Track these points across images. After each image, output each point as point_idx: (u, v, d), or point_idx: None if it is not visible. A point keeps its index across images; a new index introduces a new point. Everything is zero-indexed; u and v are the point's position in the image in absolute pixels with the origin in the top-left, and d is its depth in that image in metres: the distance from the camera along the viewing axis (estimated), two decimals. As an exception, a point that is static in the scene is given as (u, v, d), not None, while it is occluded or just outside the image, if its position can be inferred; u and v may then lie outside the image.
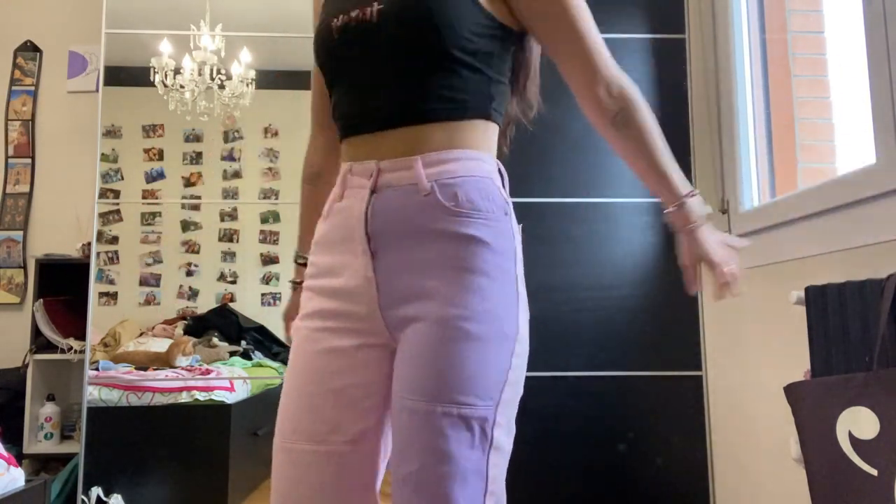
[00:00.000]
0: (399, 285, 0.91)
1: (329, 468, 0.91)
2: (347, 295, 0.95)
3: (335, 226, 0.98)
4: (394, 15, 0.92)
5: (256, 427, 2.55)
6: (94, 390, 2.37)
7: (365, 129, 0.96)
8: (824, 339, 1.30)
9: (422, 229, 0.91)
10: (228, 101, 2.63)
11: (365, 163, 0.95)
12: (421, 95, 0.93)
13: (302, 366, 0.97)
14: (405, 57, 0.93)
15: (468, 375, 0.86)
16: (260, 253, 2.62)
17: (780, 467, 1.78)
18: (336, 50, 0.98)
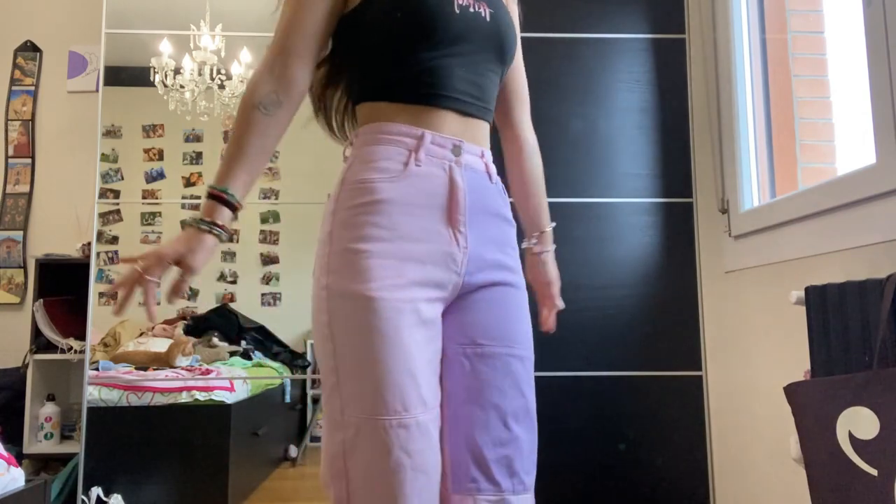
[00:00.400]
0: (484, 255, 1.06)
1: (437, 430, 0.99)
2: (435, 261, 1.00)
3: (419, 189, 1.00)
4: (498, 22, 1.09)
5: (256, 427, 2.55)
6: (94, 390, 2.37)
7: (452, 106, 1.04)
8: (824, 339, 1.30)
9: (492, 210, 1.08)
10: (228, 101, 2.63)
11: (448, 138, 1.04)
12: (493, 98, 1.12)
13: (400, 340, 0.94)
14: (494, 60, 1.10)
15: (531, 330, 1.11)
16: (260, 253, 2.62)
17: (780, 467, 1.78)
18: (454, 22, 1.03)
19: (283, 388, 2.69)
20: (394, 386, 0.92)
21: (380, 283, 0.95)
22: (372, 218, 0.98)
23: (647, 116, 2.32)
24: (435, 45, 1.02)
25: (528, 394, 1.06)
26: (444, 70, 1.03)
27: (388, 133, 1.02)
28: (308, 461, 2.67)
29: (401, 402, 0.92)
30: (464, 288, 1.05)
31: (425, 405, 0.95)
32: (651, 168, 2.31)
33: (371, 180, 1.00)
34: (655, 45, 2.35)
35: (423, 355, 0.97)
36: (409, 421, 0.92)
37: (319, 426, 2.73)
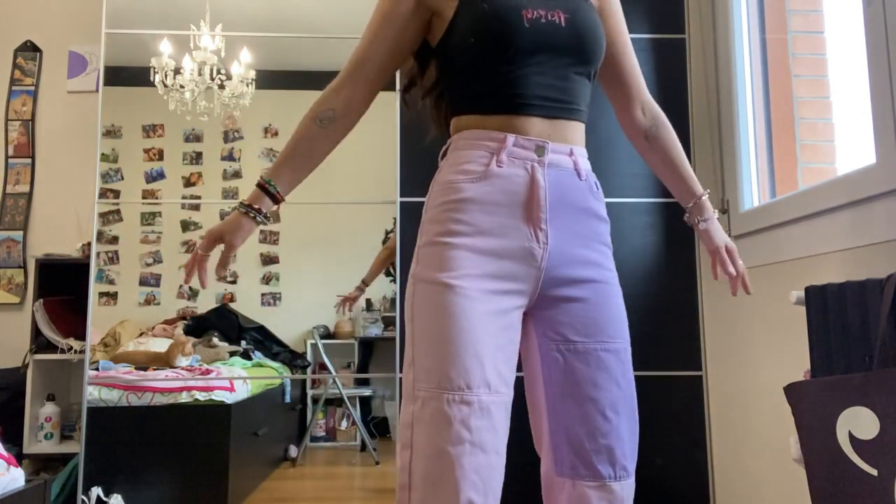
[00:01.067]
0: (569, 250, 1.10)
1: (503, 413, 1.03)
2: (512, 255, 1.07)
3: (499, 189, 1.08)
4: (577, 27, 1.12)
5: (256, 427, 2.55)
6: (94, 390, 2.37)
7: (534, 112, 1.10)
8: (824, 339, 1.30)
9: (580, 208, 1.12)
10: (228, 101, 2.63)
11: (531, 139, 1.09)
12: (580, 99, 1.15)
13: (471, 325, 1.02)
14: (576, 63, 1.13)
15: (626, 320, 1.15)
16: (260, 253, 2.62)
17: (780, 467, 1.78)
18: (524, 35, 1.09)
19: (283, 388, 2.69)
20: (460, 365, 1.00)
21: (457, 272, 1.05)
22: (455, 214, 1.08)
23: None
24: (510, 59, 1.09)
25: (624, 384, 1.10)
26: (523, 80, 1.10)
27: (474, 139, 1.12)
28: (308, 461, 2.67)
29: (465, 380, 1.00)
30: (547, 282, 1.09)
31: (489, 387, 1.01)
32: (651, 168, 2.30)
33: (456, 181, 1.10)
34: (655, 45, 2.35)
35: (494, 341, 1.04)
36: (472, 398, 0.99)
37: (319, 426, 2.73)
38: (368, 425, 2.71)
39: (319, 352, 2.61)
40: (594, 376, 1.09)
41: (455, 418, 0.98)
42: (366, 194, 2.53)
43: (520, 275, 1.08)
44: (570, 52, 1.12)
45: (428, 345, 1.03)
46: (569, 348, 1.10)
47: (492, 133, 1.10)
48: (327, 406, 2.73)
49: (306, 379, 2.70)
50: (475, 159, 1.10)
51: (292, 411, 2.71)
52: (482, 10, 1.11)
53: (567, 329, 1.10)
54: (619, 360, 1.11)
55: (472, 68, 1.13)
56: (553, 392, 1.11)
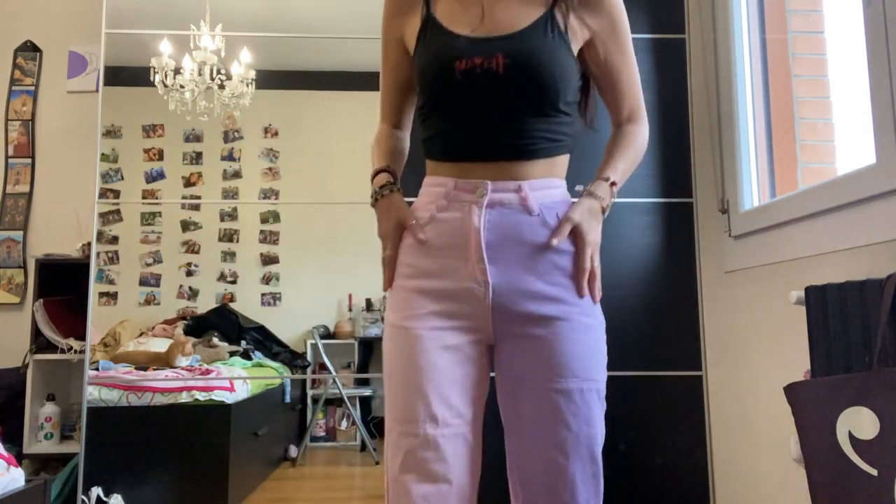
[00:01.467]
0: (516, 288, 1.09)
1: (456, 444, 1.07)
2: (456, 296, 1.10)
3: (441, 233, 1.12)
4: (519, 70, 1.09)
5: (256, 427, 2.55)
6: (94, 390, 2.37)
7: (475, 158, 1.12)
8: (824, 340, 1.30)
9: (527, 242, 1.10)
10: (228, 101, 2.63)
11: (472, 181, 1.12)
12: (531, 137, 1.12)
13: (418, 364, 1.08)
14: (523, 106, 1.11)
15: (596, 357, 1.11)
16: (260, 253, 2.62)
17: (780, 467, 1.78)
18: (457, 88, 1.11)
19: (283, 388, 2.69)
20: (405, 401, 1.07)
21: (407, 313, 1.11)
22: (406, 258, 1.15)
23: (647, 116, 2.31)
24: (446, 111, 1.13)
25: (576, 426, 1.07)
26: (463, 128, 1.13)
27: (428, 185, 1.18)
28: (308, 461, 2.67)
29: (410, 415, 1.06)
30: (500, 318, 1.10)
31: (436, 421, 1.06)
32: (651, 168, 2.31)
33: (410, 227, 1.16)
34: (655, 45, 2.35)
35: (444, 376, 1.08)
36: (417, 432, 1.05)
37: (319, 426, 2.73)
38: (368, 425, 2.71)
39: (319, 352, 2.61)
40: (541, 416, 1.08)
41: (402, 449, 1.06)
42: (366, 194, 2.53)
43: (466, 312, 1.10)
44: (512, 98, 1.10)
45: (388, 382, 1.11)
46: (519, 386, 1.10)
47: (440, 179, 1.15)
48: (327, 406, 2.73)
49: (306, 379, 2.70)
50: (424, 206, 1.16)
51: (292, 411, 2.71)
52: (420, 60, 1.16)
53: (520, 366, 1.11)
54: (571, 401, 1.07)
55: (422, 115, 1.19)
56: (507, 430, 1.13)
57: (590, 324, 1.11)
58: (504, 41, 1.11)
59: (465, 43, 1.11)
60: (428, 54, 1.15)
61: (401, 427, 1.07)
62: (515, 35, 1.11)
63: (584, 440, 1.08)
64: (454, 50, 1.11)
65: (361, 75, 2.61)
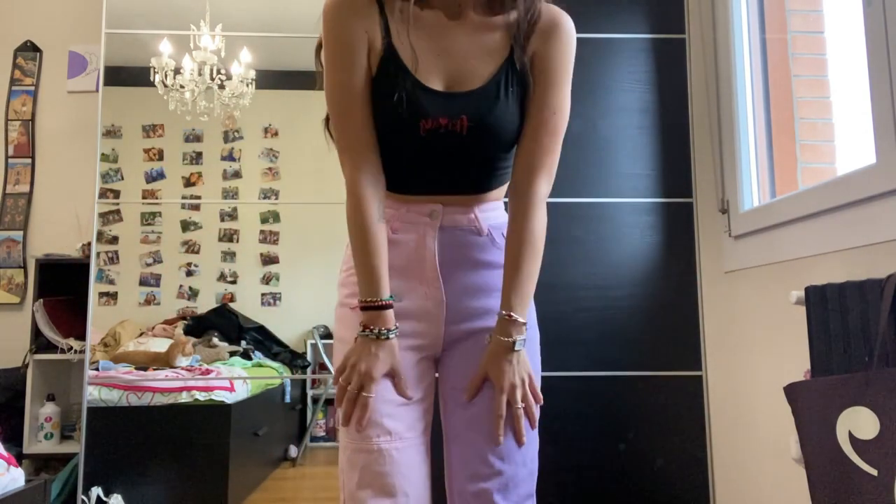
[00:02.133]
0: (467, 305, 1.14)
1: (410, 456, 1.08)
2: (412, 315, 1.13)
3: (395, 254, 1.13)
4: (481, 132, 1.10)
5: (256, 427, 2.55)
6: (94, 390, 2.37)
7: (428, 192, 1.15)
8: (824, 340, 1.30)
9: (477, 261, 1.15)
10: (228, 101, 2.63)
11: (425, 204, 1.14)
12: (485, 178, 1.17)
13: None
14: (481, 158, 1.14)
15: (536, 372, 1.14)
16: (260, 253, 2.62)
17: (780, 467, 1.78)
18: (420, 142, 1.10)
19: (283, 388, 2.69)
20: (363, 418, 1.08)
21: (357, 330, 1.10)
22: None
23: (647, 116, 2.31)
24: (400, 158, 1.13)
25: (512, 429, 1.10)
26: (420, 174, 1.14)
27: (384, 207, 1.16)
28: (308, 461, 2.67)
29: (366, 430, 1.07)
30: (449, 336, 1.15)
31: (390, 434, 1.07)
32: (651, 168, 2.30)
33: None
34: (655, 45, 2.35)
35: (392, 393, 1.09)
36: (371, 447, 1.05)
37: (319, 426, 2.73)
38: (368, 425, 2.70)
39: (319, 352, 2.61)
40: (480, 422, 1.10)
41: (358, 465, 1.06)
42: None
43: (420, 331, 1.13)
44: (469, 155, 1.13)
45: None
46: (455, 395, 1.14)
47: (394, 203, 1.15)
48: (327, 406, 2.73)
49: (306, 379, 2.70)
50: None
51: (292, 411, 2.71)
52: (383, 103, 1.09)
53: (457, 377, 1.14)
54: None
55: (381, 149, 1.13)
56: (446, 439, 1.15)
57: (530, 336, 1.15)
58: (467, 100, 1.10)
59: (432, 100, 1.09)
60: (395, 104, 1.07)
61: (354, 444, 1.06)
62: (476, 93, 1.11)
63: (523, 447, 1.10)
64: (421, 107, 1.08)
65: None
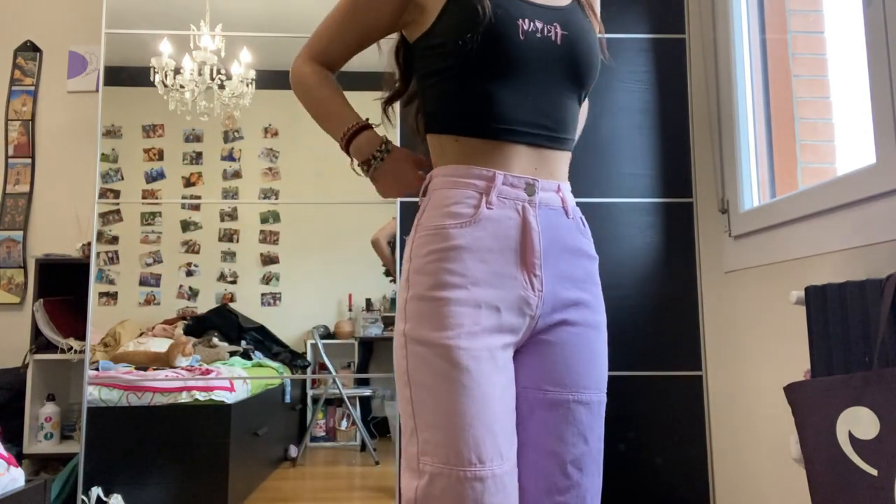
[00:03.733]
0: (560, 295, 1.02)
1: (515, 481, 0.96)
2: (509, 306, 0.98)
3: (493, 234, 0.98)
4: (573, 45, 1.02)
5: (256, 427, 2.55)
6: (94, 390, 2.37)
7: (521, 140, 1.01)
8: (824, 339, 1.30)
9: (571, 248, 1.05)
10: (228, 101, 2.63)
11: (521, 177, 1.01)
12: (569, 124, 1.06)
13: (480, 392, 0.93)
14: (569, 85, 1.04)
15: (607, 369, 1.08)
16: (260, 253, 2.62)
17: (780, 467, 1.78)
18: (517, 50, 0.99)
19: (283, 388, 2.69)
20: (470, 438, 0.91)
21: (457, 331, 0.94)
22: (446, 265, 0.97)
23: (647, 116, 2.32)
24: (497, 75, 0.99)
25: (592, 440, 1.02)
26: (511, 101, 1.00)
27: (459, 176, 1.02)
28: (308, 461, 2.67)
29: (476, 454, 0.91)
30: (536, 329, 1.02)
31: (502, 457, 0.93)
32: (651, 168, 2.31)
33: (444, 226, 0.99)
34: (655, 45, 2.35)
35: (501, 405, 0.95)
36: (486, 473, 0.90)
37: (319, 426, 2.73)
38: (368, 425, 2.71)
39: (319, 352, 2.60)
40: (560, 429, 1.00)
41: (468, 497, 0.89)
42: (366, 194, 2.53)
43: (516, 325, 0.99)
44: (563, 74, 1.02)
45: (432, 415, 0.93)
46: (538, 398, 1.02)
47: (478, 170, 1.00)
48: (327, 406, 2.73)
49: (306, 379, 2.70)
50: (462, 200, 1.00)
51: (292, 411, 2.71)
52: (474, 9, 0.97)
53: (542, 377, 1.02)
54: (591, 413, 1.02)
55: (453, 80, 1.02)
56: (521, 440, 1.02)
57: (605, 335, 1.08)
58: (557, 13, 1.03)
59: (525, 5, 1.01)
60: (482, 4, 0.97)
61: (461, 470, 0.90)
62: (566, 9, 1.05)
63: (597, 455, 1.03)
64: (517, 8, 0.99)
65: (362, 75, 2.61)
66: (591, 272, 1.08)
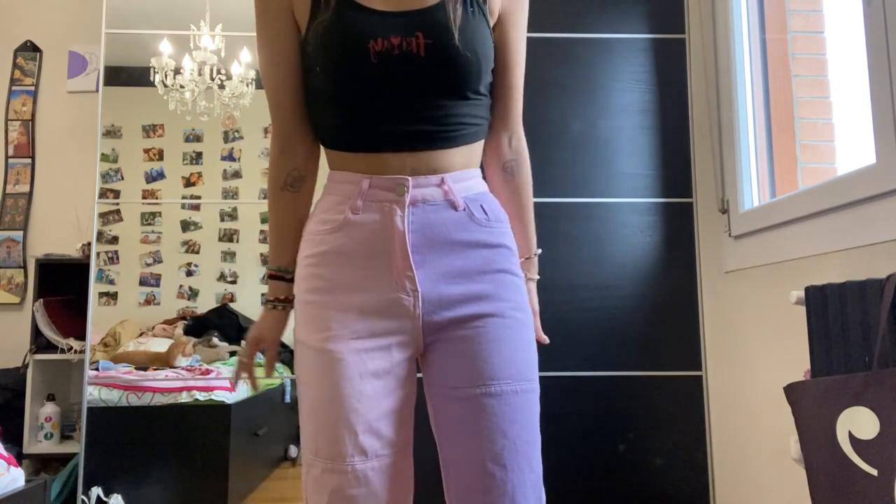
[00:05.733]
0: (447, 292, 0.99)
1: (388, 475, 0.97)
2: (382, 309, 0.98)
3: (356, 239, 0.99)
4: (441, 51, 0.97)
5: (256, 427, 2.55)
6: (94, 390, 2.37)
7: (391, 148, 0.99)
8: (824, 339, 1.30)
9: (456, 242, 1.00)
10: (228, 101, 2.63)
11: (390, 177, 0.99)
12: (452, 123, 1.01)
13: (343, 392, 0.95)
14: (445, 90, 0.99)
15: (530, 356, 1.02)
16: (260, 253, 2.61)
17: (780, 467, 1.78)
18: (371, 72, 0.96)
19: (283, 388, 2.69)
20: (330, 434, 0.95)
21: (326, 334, 0.97)
22: (316, 270, 1.00)
23: (647, 116, 2.32)
24: (357, 97, 0.99)
25: (513, 433, 0.97)
26: (376, 116, 0.99)
27: (335, 181, 1.04)
28: (308, 461, 2.67)
29: (336, 449, 0.94)
30: (429, 328, 0.99)
31: (365, 454, 0.94)
32: (651, 168, 2.31)
33: (316, 232, 1.02)
34: (655, 45, 2.35)
35: (374, 406, 0.96)
36: (345, 468, 0.94)
37: (319, 426, 2.72)
38: (368, 425, 2.70)
39: (319, 352, 2.60)
40: (474, 426, 0.97)
41: (327, 487, 0.94)
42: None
43: (393, 328, 0.98)
44: (434, 83, 0.98)
45: (305, 412, 0.98)
46: (446, 395, 1.00)
47: (350, 175, 1.01)
48: (327, 406, 2.72)
49: (306, 379, 2.70)
50: (333, 206, 1.01)
51: (292, 411, 2.71)
52: (321, 38, 0.98)
53: (447, 376, 1.00)
54: (507, 405, 0.97)
55: (321, 100, 1.03)
56: (441, 447, 1.02)
57: (522, 319, 1.03)
58: (422, 16, 0.97)
59: (377, 19, 0.97)
60: (333, 31, 0.97)
61: (324, 463, 0.94)
62: (433, 9, 0.98)
63: (522, 447, 0.97)
64: (367, 27, 0.96)
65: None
66: (492, 260, 1.02)
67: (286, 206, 1.10)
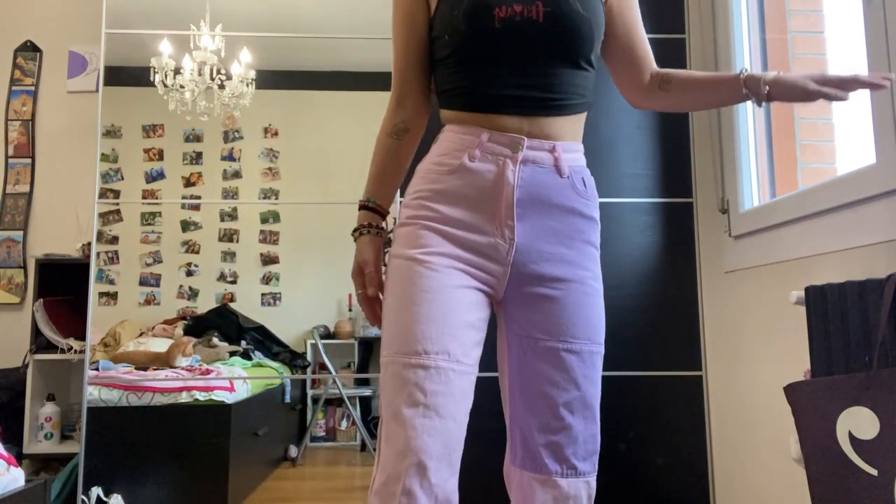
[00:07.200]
0: (540, 246, 1.10)
1: (464, 383, 1.04)
2: (479, 248, 1.09)
3: (470, 183, 1.10)
4: (558, 19, 1.08)
5: (256, 427, 2.55)
6: (94, 390, 2.37)
7: (506, 111, 1.10)
8: (824, 339, 1.30)
9: (556, 205, 1.11)
10: (228, 101, 2.63)
11: (507, 135, 1.10)
12: (565, 91, 1.11)
13: (435, 295, 1.04)
14: (559, 57, 1.10)
15: (602, 323, 1.13)
16: (260, 253, 2.62)
17: (780, 467, 1.78)
18: (494, 35, 1.08)
19: (283, 388, 2.69)
20: (419, 330, 1.02)
21: (425, 249, 1.08)
22: (426, 202, 1.11)
23: (647, 116, 2.32)
24: (481, 61, 1.10)
25: (585, 386, 1.09)
26: (497, 80, 1.10)
27: (454, 132, 1.14)
28: (308, 461, 2.67)
29: (423, 345, 1.01)
30: (516, 277, 1.10)
31: (448, 355, 1.02)
32: (651, 168, 2.31)
33: (431, 171, 1.13)
34: (655, 44, 2.35)
35: (460, 315, 1.05)
36: (429, 363, 1.00)
37: (319, 426, 2.73)
38: (368, 425, 2.71)
39: (319, 352, 2.61)
40: (552, 375, 1.09)
41: (409, 380, 0.99)
42: (366, 194, 2.53)
43: (485, 267, 1.09)
44: (550, 48, 1.09)
45: (393, 313, 1.06)
46: (531, 345, 1.11)
47: (469, 128, 1.12)
48: (327, 406, 2.73)
49: (306, 379, 2.70)
50: (451, 151, 1.12)
51: (292, 411, 2.71)
52: (448, 5, 1.12)
53: (532, 326, 1.11)
54: (582, 362, 1.10)
55: (447, 66, 1.15)
56: (513, 385, 1.13)
57: (598, 289, 1.14)
58: None
59: None
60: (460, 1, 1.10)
61: (406, 359, 1.01)
62: None
63: (590, 400, 1.10)
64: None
65: (361, 75, 2.61)
66: (583, 230, 1.13)
67: (388, 150, 1.20)
